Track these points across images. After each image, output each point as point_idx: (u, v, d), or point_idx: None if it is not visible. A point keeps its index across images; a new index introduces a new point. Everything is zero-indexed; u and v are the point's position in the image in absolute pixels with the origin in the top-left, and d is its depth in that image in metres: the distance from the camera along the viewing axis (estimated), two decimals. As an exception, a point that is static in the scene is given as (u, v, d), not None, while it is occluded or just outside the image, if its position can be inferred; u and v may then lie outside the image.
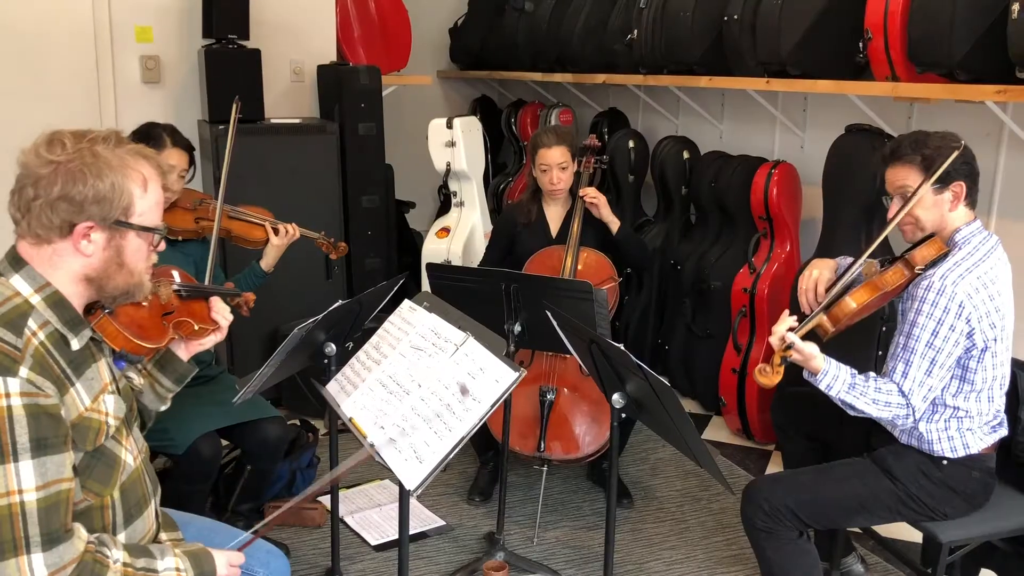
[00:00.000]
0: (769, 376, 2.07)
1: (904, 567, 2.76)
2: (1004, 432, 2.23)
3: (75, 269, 1.52)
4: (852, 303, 2.14)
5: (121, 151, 1.52)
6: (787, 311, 2.18)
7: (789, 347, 2.08)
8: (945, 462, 2.17)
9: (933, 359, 2.09)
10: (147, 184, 1.55)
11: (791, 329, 2.12)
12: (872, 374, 2.15)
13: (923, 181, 2.12)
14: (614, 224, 3.27)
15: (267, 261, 2.91)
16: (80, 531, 1.46)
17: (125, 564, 1.50)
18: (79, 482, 1.51)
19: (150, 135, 2.66)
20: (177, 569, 1.56)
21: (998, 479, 2.25)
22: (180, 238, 2.74)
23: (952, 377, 2.15)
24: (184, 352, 1.89)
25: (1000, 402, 2.21)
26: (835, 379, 2.10)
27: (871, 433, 2.37)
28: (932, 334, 2.08)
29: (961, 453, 2.17)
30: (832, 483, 2.22)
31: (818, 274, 2.37)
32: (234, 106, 2.84)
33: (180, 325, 1.82)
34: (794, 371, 3.41)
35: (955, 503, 2.18)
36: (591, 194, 3.25)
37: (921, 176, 2.13)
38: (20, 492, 1.38)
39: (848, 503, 2.20)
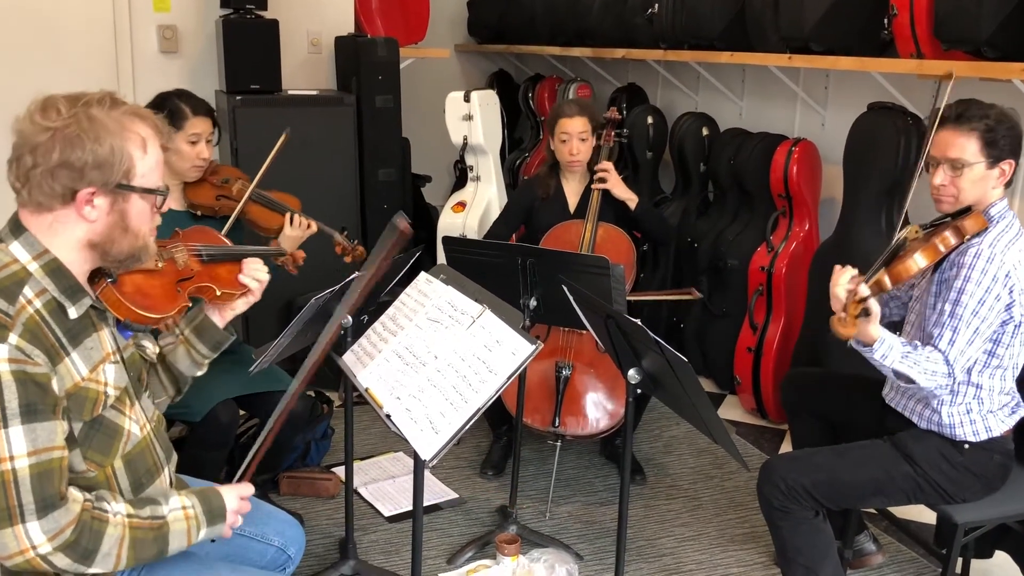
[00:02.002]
0: (847, 326, 1.95)
1: (918, 548, 2.75)
2: (1023, 413, 2.22)
3: (78, 236, 1.50)
4: (920, 261, 2.04)
5: (117, 113, 1.48)
6: (838, 267, 2.07)
7: (863, 299, 1.96)
8: (967, 446, 2.15)
9: (977, 328, 2.06)
10: (146, 145, 1.51)
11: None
12: (916, 343, 2.11)
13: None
14: (631, 201, 3.24)
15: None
16: (74, 493, 1.45)
17: (129, 515, 1.49)
18: (81, 452, 1.50)
19: (168, 108, 2.56)
20: (183, 507, 1.56)
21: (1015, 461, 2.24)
22: (199, 213, 2.70)
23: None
24: (219, 319, 1.88)
25: (1015, 378, 2.19)
26: (890, 348, 2.02)
27: (885, 415, 2.35)
28: (979, 302, 2.05)
29: (983, 436, 2.15)
30: (850, 465, 2.21)
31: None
32: (283, 136, 2.77)
33: (201, 291, 1.80)
34: (804, 353, 3.41)
35: (975, 488, 2.17)
36: (603, 167, 3.23)
37: (977, 146, 2.08)
38: (11, 459, 1.36)
39: (865, 486, 2.19)
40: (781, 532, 2.24)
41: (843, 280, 2.02)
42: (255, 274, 1.91)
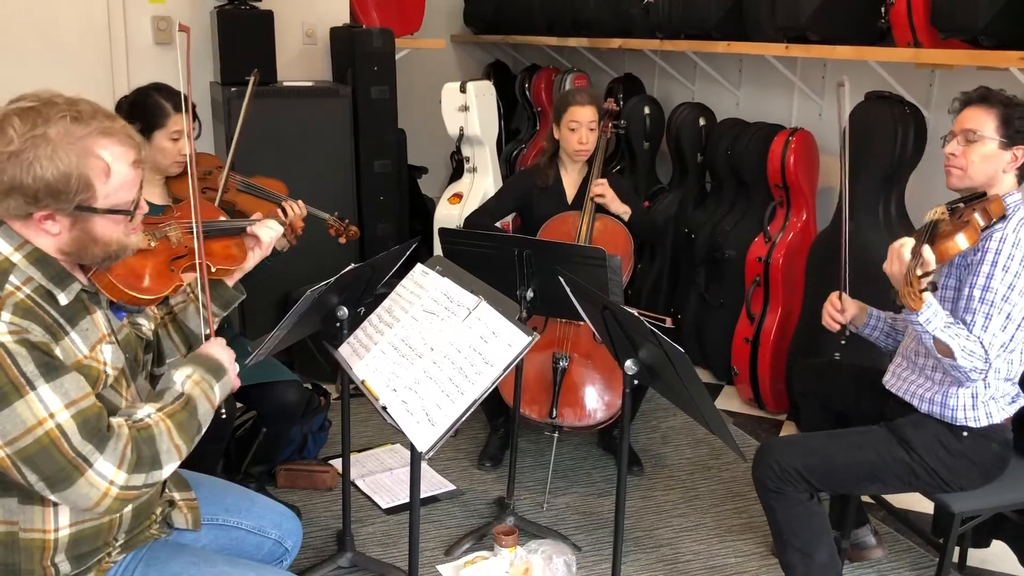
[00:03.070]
0: (915, 300, 1.92)
1: (915, 537, 2.76)
2: (1022, 402, 2.22)
3: (47, 244, 1.48)
4: (962, 242, 2.02)
5: (80, 131, 1.42)
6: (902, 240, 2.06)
7: (928, 274, 1.92)
8: (966, 433, 2.15)
9: (1009, 313, 2.05)
10: (109, 169, 1.45)
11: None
12: (956, 320, 2.10)
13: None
14: (625, 214, 3.24)
15: None
16: (114, 419, 1.46)
17: (159, 409, 1.52)
18: None
19: (147, 107, 2.48)
20: (189, 376, 1.59)
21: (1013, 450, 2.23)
22: None
23: None
24: (228, 278, 1.91)
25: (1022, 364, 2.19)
26: (935, 314, 2.01)
27: (886, 404, 2.35)
28: (1009, 287, 2.04)
29: (983, 423, 2.15)
30: (844, 449, 2.21)
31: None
32: (252, 78, 2.73)
33: (196, 268, 1.79)
34: (802, 343, 3.40)
35: (972, 476, 2.17)
36: (598, 191, 3.19)
37: (994, 124, 2.11)
38: (52, 416, 1.36)
39: (859, 470, 2.19)
40: (776, 515, 2.24)
41: (906, 250, 2.00)
42: (268, 228, 1.93)
